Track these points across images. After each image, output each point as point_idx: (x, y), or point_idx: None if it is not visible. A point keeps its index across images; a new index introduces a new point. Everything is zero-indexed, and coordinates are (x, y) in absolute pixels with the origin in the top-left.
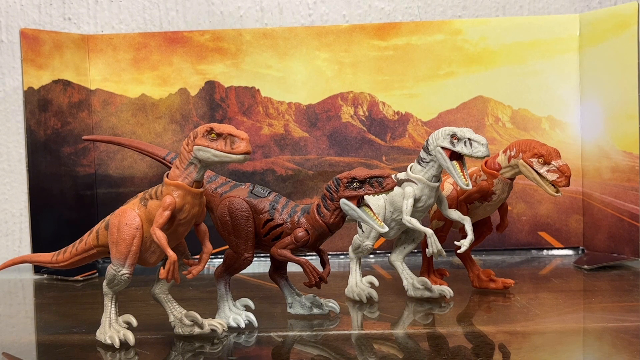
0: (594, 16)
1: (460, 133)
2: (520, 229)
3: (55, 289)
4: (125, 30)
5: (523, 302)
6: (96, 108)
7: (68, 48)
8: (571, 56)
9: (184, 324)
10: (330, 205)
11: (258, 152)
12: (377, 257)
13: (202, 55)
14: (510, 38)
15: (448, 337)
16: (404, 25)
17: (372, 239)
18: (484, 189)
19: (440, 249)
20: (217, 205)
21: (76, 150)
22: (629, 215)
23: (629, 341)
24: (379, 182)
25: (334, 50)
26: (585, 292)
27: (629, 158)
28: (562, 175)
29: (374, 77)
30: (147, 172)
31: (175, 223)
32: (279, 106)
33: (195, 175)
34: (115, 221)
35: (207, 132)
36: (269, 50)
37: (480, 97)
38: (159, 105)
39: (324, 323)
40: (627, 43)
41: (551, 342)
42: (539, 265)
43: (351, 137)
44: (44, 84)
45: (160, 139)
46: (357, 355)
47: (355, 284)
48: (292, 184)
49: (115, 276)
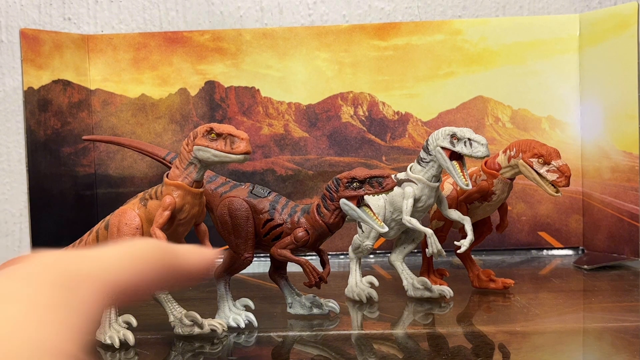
0: (594, 16)
1: (460, 133)
2: (520, 229)
3: None
4: (125, 30)
5: (523, 302)
6: (96, 108)
7: (68, 48)
8: (571, 56)
9: (184, 324)
10: (330, 205)
11: (258, 152)
12: (377, 257)
13: (202, 55)
14: (510, 38)
15: (448, 337)
16: (404, 25)
17: (372, 239)
18: (484, 189)
19: (440, 249)
20: (217, 205)
21: (76, 150)
22: (629, 215)
23: (629, 341)
24: (379, 182)
25: (334, 50)
26: (585, 292)
27: (629, 158)
28: (562, 175)
29: (374, 77)
30: (147, 172)
31: (175, 223)
32: (279, 106)
33: (195, 175)
34: (115, 221)
35: (207, 132)
36: (269, 50)
37: (480, 97)
38: (159, 105)
39: (324, 323)
40: (627, 43)
41: (551, 342)
42: (539, 265)
43: (351, 137)
44: (44, 84)
45: (160, 139)
46: (357, 355)
47: (355, 284)
48: (292, 184)
49: None
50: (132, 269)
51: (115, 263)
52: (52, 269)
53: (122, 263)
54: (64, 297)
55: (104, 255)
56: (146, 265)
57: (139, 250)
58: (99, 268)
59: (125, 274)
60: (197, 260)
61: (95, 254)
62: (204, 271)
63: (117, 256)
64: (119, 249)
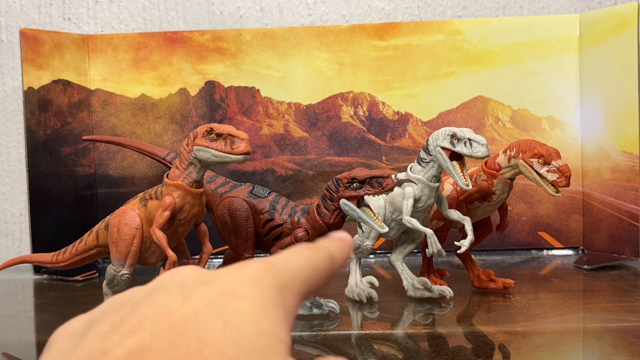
0: (594, 16)
1: (460, 133)
2: (520, 229)
3: (55, 289)
4: (125, 30)
5: (523, 302)
6: (96, 108)
7: (68, 48)
8: (571, 56)
9: None
10: (330, 205)
11: (258, 152)
12: (377, 257)
13: (202, 55)
14: (510, 38)
15: (448, 337)
16: (404, 25)
17: (372, 239)
18: (484, 189)
19: (440, 249)
20: (217, 206)
21: (76, 150)
22: (629, 215)
23: (629, 341)
24: (379, 182)
25: (334, 50)
26: (585, 292)
27: (629, 158)
28: (562, 176)
29: (374, 77)
30: (147, 172)
31: (175, 223)
32: (279, 106)
33: (195, 175)
34: (115, 221)
35: (207, 133)
36: (269, 50)
37: (480, 97)
38: (158, 105)
39: (324, 323)
40: (627, 43)
41: (551, 342)
42: (539, 265)
43: (351, 137)
44: (44, 84)
45: (160, 139)
46: (357, 355)
47: (355, 284)
48: (292, 184)
49: (115, 276)
50: (314, 280)
51: (305, 276)
52: (268, 275)
53: (309, 275)
54: (279, 300)
55: (298, 266)
56: (321, 275)
57: (320, 261)
58: (298, 279)
59: (310, 284)
60: (343, 253)
61: (293, 264)
62: (347, 259)
63: (307, 268)
64: (307, 259)
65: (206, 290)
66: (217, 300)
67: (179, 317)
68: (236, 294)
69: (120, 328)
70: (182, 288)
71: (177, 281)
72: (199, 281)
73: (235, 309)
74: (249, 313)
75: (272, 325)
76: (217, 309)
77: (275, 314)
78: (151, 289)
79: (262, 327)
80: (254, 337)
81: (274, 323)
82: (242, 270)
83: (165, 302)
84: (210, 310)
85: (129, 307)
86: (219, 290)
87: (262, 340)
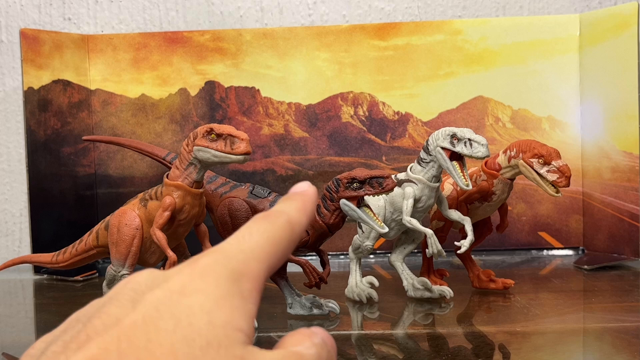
0: (594, 16)
1: (461, 133)
2: (520, 229)
3: (55, 289)
4: (125, 30)
5: (523, 302)
6: (96, 108)
7: (68, 48)
8: (571, 56)
9: None
10: (330, 205)
11: (258, 152)
12: (377, 257)
13: (202, 55)
14: (510, 38)
15: (448, 337)
16: (404, 25)
17: (372, 240)
18: (484, 189)
19: (440, 249)
20: (217, 206)
21: (76, 151)
22: (629, 215)
23: (629, 341)
24: (379, 182)
25: (334, 50)
26: (585, 292)
27: (629, 158)
28: (562, 176)
29: (374, 77)
30: (147, 172)
31: (175, 223)
32: (279, 106)
33: (195, 175)
34: (115, 222)
35: (207, 133)
36: (269, 50)
37: (480, 97)
38: (159, 105)
39: (324, 323)
40: (627, 43)
41: (551, 342)
42: (539, 266)
43: (351, 137)
44: (44, 84)
45: (160, 139)
46: (357, 355)
47: (355, 285)
48: (292, 184)
49: (115, 277)
50: (275, 254)
51: (263, 253)
52: (219, 266)
53: (268, 251)
54: (234, 289)
55: (252, 247)
56: (282, 246)
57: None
58: (254, 261)
59: (271, 260)
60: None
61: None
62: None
63: (263, 244)
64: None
65: (156, 292)
66: (168, 300)
67: (127, 324)
68: (187, 291)
69: (69, 346)
70: (134, 294)
71: (129, 289)
72: (150, 285)
73: (187, 306)
74: (202, 307)
75: (227, 315)
76: (168, 309)
77: (231, 303)
78: (104, 301)
79: (216, 320)
80: (207, 332)
81: (229, 313)
82: (192, 266)
83: (114, 312)
84: (160, 312)
85: (81, 323)
86: (169, 290)
87: (216, 332)
